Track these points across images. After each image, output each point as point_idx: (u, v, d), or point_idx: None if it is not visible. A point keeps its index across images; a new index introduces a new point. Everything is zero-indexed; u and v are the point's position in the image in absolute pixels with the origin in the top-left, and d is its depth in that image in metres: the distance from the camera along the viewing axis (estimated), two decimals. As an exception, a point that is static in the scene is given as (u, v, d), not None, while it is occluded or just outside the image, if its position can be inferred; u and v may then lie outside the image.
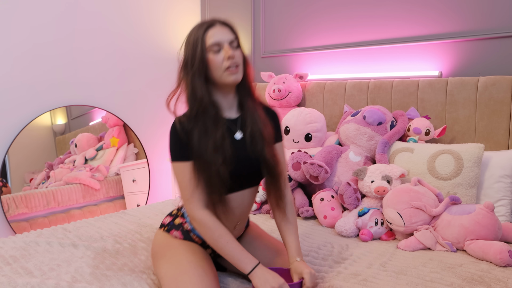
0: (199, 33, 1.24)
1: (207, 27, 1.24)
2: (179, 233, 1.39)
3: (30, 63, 2.53)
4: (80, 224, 1.97)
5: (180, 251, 1.31)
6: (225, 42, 1.23)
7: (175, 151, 1.25)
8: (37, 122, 2.58)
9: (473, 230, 1.60)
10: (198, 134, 1.22)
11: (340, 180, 2.11)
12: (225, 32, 1.25)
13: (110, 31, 2.89)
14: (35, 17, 2.53)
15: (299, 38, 2.84)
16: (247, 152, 1.30)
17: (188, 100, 1.26)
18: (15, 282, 1.31)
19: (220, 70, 1.23)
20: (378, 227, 1.81)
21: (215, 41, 1.22)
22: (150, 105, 3.09)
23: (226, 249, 1.22)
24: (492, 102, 1.99)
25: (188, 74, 1.25)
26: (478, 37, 2.12)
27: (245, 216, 1.43)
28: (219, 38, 1.23)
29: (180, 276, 1.21)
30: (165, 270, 1.26)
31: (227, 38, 1.24)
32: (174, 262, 1.27)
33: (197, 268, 1.24)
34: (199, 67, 1.23)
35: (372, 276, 1.40)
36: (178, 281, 1.20)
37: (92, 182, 2.77)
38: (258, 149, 1.31)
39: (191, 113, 1.25)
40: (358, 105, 2.42)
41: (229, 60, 1.22)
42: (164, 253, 1.33)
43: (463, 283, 1.34)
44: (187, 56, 1.25)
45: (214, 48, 1.23)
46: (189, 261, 1.26)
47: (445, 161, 1.89)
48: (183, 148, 1.23)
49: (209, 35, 1.23)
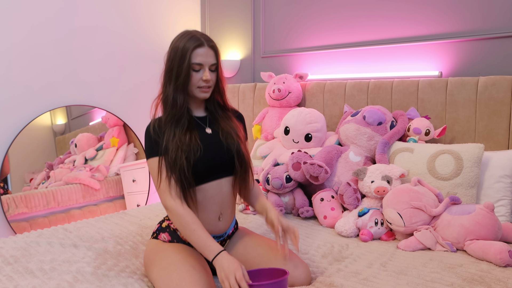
0: (188, 47, 1.36)
1: (197, 46, 1.37)
2: (166, 234, 1.46)
3: (30, 63, 2.53)
4: (80, 224, 1.97)
5: (167, 253, 1.37)
6: (207, 65, 1.39)
7: (148, 149, 1.40)
8: (37, 122, 2.58)
9: (473, 230, 1.60)
10: (168, 134, 1.37)
11: (340, 180, 2.11)
12: (210, 56, 1.39)
13: (110, 30, 2.89)
14: (35, 16, 2.53)
15: (299, 38, 2.84)
16: (217, 144, 1.44)
17: (166, 106, 1.41)
18: (16, 282, 1.32)
19: (194, 86, 1.40)
20: (378, 227, 1.81)
21: (199, 62, 1.37)
22: (150, 105, 3.09)
23: (192, 236, 1.30)
24: (492, 102, 1.99)
25: (170, 83, 1.39)
26: (478, 37, 2.12)
27: (227, 206, 1.48)
28: (203, 60, 1.38)
29: (169, 275, 1.27)
30: (155, 274, 1.32)
31: (210, 62, 1.39)
32: (163, 264, 1.32)
33: (184, 264, 1.30)
34: (183, 81, 1.37)
35: (372, 276, 1.41)
36: (168, 280, 1.25)
37: (92, 182, 2.77)
38: (229, 141, 1.45)
39: (166, 117, 1.40)
40: (358, 105, 2.42)
41: (205, 82, 1.39)
42: (153, 259, 1.38)
43: (463, 283, 1.34)
44: (173, 65, 1.39)
45: (196, 67, 1.38)
46: (177, 259, 1.32)
47: (445, 161, 1.90)
48: (155, 145, 1.38)
49: (196, 53, 1.37)
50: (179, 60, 1.37)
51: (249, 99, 2.91)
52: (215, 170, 1.42)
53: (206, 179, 1.40)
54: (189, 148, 1.35)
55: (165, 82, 1.42)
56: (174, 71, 1.38)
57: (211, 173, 1.41)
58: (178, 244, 1.43)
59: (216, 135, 1.46)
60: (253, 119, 2.87)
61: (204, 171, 1.39)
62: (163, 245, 1.43)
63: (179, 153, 1.34)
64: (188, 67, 1.36)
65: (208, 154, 1.39)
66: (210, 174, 1.41)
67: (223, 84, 1.49)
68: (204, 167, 1.38)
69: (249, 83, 2.97)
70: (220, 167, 1.43)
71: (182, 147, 1.35)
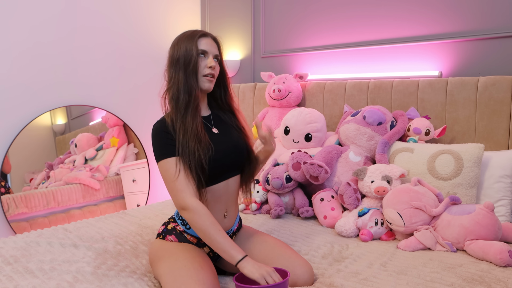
0: (195, 35, 1.40)
1: (202, 35, 1.42)
2: (173, 237, 1.46)
3: (30, 63, 2.53)
4: (80, 224, 1.97)
5: (176, 251, 1.37)
6: (211, 54, 1.42)
7: (161, 149, 1.35)
8: (37, 122, 2.58)
9: (473, 230, 1.60)
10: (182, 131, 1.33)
11: (340, 180, 2.11)
12: (214, 46, 1.44)
13: (110, 30, 2.89)
14: (35, 16, 2.53)
15: (299, 38, 2.84)
16: (225, 143, 1.43)
17: (179, 95, 1.37)
18: (16, 282, 1.32)
19: (200, 74, 1.40)
20: (378, 227, 1.81)
21: (204, 49, 1.41)
22: (150, 105, 3.09)
23: (217, 237, 1.27)
24: (492, 102, 1.99)
25: (180, 71, 1.38)
26: (478, 37, 2.12)
27: (232, 204, 1.50)
28: (208, 49, 1.41)
29: (177, 271, 1.27)
30: (163, 269, 1.31)
31: (214, 52, 1.43)
32: (171, 261, 1.32)
33: (193, 263, 1.30)
34: (194, 66, 1.38)
35: (372, 276, 1.41)
36: (176, 275, 1.25)
37: (92, 182, 2.77)
38: (237, 140, 1.47)
39: (177, 108, 1.36)
40: (358, 105, 2.42)
41: (210, 68, 1.40)
42: (161, 255, 1.38)
43: (463, 283, 1.34)
44: (179, 54, 1.39)
45: (202, 53, 1.40)
46: (185, 257, 1.32)
47: (445, 161, 1.90)
48: (170, 145, 1.33)
49: (201, 41, 1.41)
50: (186, 47, 1.38)
51: (249, 99, 2.91)
52: (225, 170, 1.43)
53: (215, 180, 1.40)
54: (203, 144, 1.34)
55: (174, 72, 1.39)
56: (182, 59, 1.38)
57: (221, 174, 1.42)
58: (186, 244, 1.43)
59: (223, 134, 1.46)
60: (253, 119, 2.87)
61: (214, 172, 1.38)
62: (172, 244, 1.43)
63: (198, 147, 1.32)
64: (197, 52, 1.38)
65: (218, 155, 1.38)
66: (220, 175, 1.42)
67: (227, 78, 1.52)
68: (215, 168, 1.37)
69: (249, 83, 2.97)
70: (229, 167, 1.44)
71: (199, 141, 1.33)
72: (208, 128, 1.45)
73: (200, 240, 1.44)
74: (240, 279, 1.23)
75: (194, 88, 1.37)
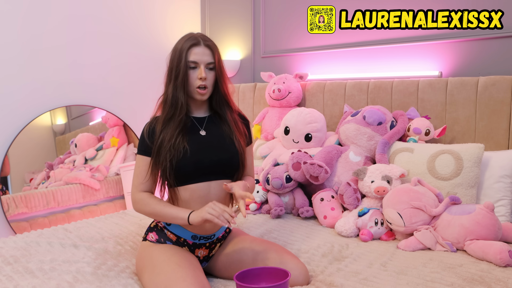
0: (185, 47, 1.41)
1: (193, 44, 1.41)
2: (154, 233, 1.48)
3: (30, 63, 2.53)
4: (80, 224, 1.97)
5: (153, 257, 1.38)
6: (202, 64, 1.41)
7: (141, 145, 1.46)
8: (37, 122, 2.58)
9: (473, 230, 1.60)
10: (163, 135, 1.41)
11: (340, 180, 2.11)
12: (206, 54, 1.42)
13: (110, 32, 2.89)
14: (36, 18, 2.53)
15: (299, 38, 2.84)
16: (209, 146, 1.46)
17: (165, 105, 1.44)
18: (16, 282, 1.32)
19: (192, 86, 1.42)
20: (378, 227, 1.81)
21: (194, 60, 1.41)
22: (150, 105, 3.06)
23: (164, 211, 1.38)
24: (492, 102, 1.99)
25: (171, 83, 1.43)
26: (478, 37, 2.12)
27: None
28: (199, 59, 1.41)
29: (156, 277, 1.29)
30: (146, 279, 1.34)
31: (205, 60, 1.42)
32: (151, 268, 1.34)
33: (169, 264, 1.32)
34: (182, 80, 1.40)
35: (372, 276, 1.41)
36: (156, 282, 1.27)
37: (92, 182, 2.77)
38: (224, 145, 1.47)
39: (165, 116, 1.43)
40: (358, 105, 2.42)
41: (201, 80, 1.41)
42: (143, 264, 1.40)
43: (463, 283, 1.34)
44: (172, 65, 1.43)
45: (192, 65, 1.41)
46: (162, 260, 1.35)
47: (445, 161, 1.90)
48: (147, 145, 1.43)
49: (191, 52, 1.41)
50: (177, 59, 1.42)
51: (249, 99, 2.91)
52: (203, 171, 1.43)
53: (194, 179, 1.43)
54: (174, 150, 1.39)
55: (167, 82, 1.46)
56: (173, 71, 1.42)
57: (199, 174, 1.43)
58: (164, 245, 1.44)
59: (210, 137, 1.48)
60: (253, 119, 2.86)
61: (190, 171, 1.42)
62: (150, 248, 1.43)
63: (167, 156, 1.39)
64: (185, 65, 1.40)
65: (196, 156, 1.42)
66: (198, 174, 1.43)
67: (223, 84, 1.48)
68: (190, 167, 1.41)
69: (249, 83, 2.97)
70: (208, 168, 1.44)
71: (170, 150, 1.39)
72: (196, 129, 1.48)
73: (179, 238, 1.46)
74: (240, 278, 1.23)
75: (181, 101, 1.41)
